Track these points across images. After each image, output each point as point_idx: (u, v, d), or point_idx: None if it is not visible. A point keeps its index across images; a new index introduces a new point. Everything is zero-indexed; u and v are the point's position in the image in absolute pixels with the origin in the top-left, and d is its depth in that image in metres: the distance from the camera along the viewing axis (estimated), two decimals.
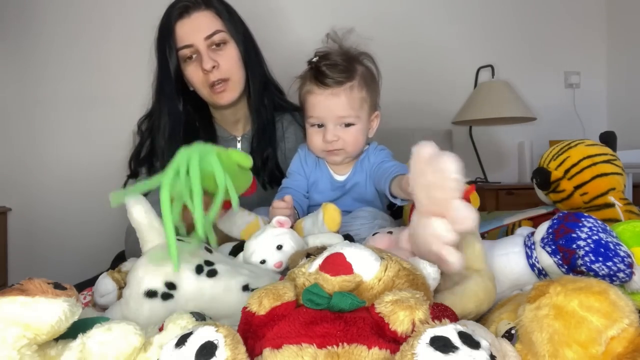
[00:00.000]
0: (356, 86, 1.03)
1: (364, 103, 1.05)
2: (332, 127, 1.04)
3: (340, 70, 1.02)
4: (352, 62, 1.05)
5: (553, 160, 1.16)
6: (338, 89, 1.02)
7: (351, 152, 1.08)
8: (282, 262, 0.78)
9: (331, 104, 1.02)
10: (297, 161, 1.16)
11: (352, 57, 1.06)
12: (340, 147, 1.05)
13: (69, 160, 2.27)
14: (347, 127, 1.04)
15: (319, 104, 1.04)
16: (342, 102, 1.02)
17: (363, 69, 1.07)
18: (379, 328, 0.46)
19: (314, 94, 1.04)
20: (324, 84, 1.02)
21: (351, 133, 1.05)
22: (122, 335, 0.48)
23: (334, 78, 1.02)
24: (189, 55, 1.23)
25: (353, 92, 1.03)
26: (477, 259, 0.71)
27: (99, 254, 1.73)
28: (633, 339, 0.48)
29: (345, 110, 1.03)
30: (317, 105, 1.04)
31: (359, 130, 1.06)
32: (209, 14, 1.24)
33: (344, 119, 1.03)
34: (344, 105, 1.02)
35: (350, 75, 1.03)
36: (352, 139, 1.05)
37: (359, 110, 1.04)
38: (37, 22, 2.25)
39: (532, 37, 2.78)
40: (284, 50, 2.27)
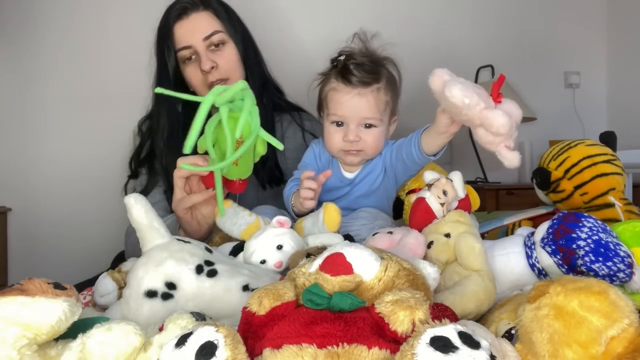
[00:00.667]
0: (382, 89, 1.03)
1: (387, 106, 1.05)
2: (354, 127, 1.02)
3: (368, 70, 1.01)
4: (378, 64, 1.05)
5: (553, 160, 1.17)
6: (365, 90, 1.01)
7: (370, 154, 1.07)
8: (282, 262, 0.78)
9: (357, 104, 1.01)
10: (310, 155, 1.14)
11: (377, 60, 1.05)
12: (361, 148, 1.04)
13: (69, 160, 2.27)
14: (368, 128, 1.03)
15: (345, 102, 1.02)
16: (369, 103, 1.01)
17: (387, 73, 1.07)
18: (379, 328, 0.46)
19: (339, 92, 1.03)
20: (351, 83, 1.01)
21: (372, 135, 1.04)
22: (122, 335, 0.48)
23: (362, 78, 1.00)
24: (187, 56, 1.23)
25: (379, 95, 1.02)
26: (477, 259, 0.71)
27: (99, 254, 1.73)
28: (633, 339, 0.48)
29: (371, 112, 1.02)
30: (342, 104, 1.02)
31: (380, 133, 1.05)
32: (207, 14, 1.24)
33: (367, 120, 1.02)
34: (370, 107, 1.01)
35: (378, 77, 1.02)
36: (373, 141, 1.04)
37: (383, 113, 1.04)
38: (35, 22, 2.25)
39: (532, 37, 2.77)
40: (284, 50, 2.27)
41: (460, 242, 0.73)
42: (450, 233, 0.78)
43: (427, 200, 0.85)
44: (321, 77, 1.09)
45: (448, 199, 0.86)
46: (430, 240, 0.79)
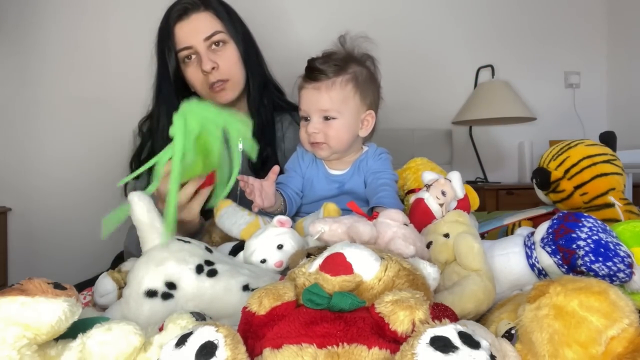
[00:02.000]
0: (339, 82, 1.06)
1: (348, 100, 1.07)
2: (315, 119, 1.07)
3: (329, 66, 1.05)
4: (348, 61, 1.07)
5: (553, 160, 1.16)
6: (319, 83, 1.05)
7: (335, 146, 1.09)
8: (282, 262, 0.78)
9: (313, 97, 1.06)
10: (294, 158, 1.17)
11: (351, 58, 1.08)
12: (322, 140, 1.07)
13: (69, 161, 2.27)
14: (328, 120, 1.06)
15: (304, 96, 1.08)
16: (322, 95, 1.05)
17: (358, 69, 1.08)
18: (379, 328, 0.46)
19: (302, 88, 1.09)
20: (309, 78, 1.07)
21: (333, 127, 1.06)
22: (122, 335, 0.48)
23: (318, 74, 1.05)
24: (188, 56, 1.23)
25: (334, 87, 1.05)
26: (476, 259, 0.71)
27: (99, 254, 1.73)
28: (633, 339, 0.48)
29: (325, 104, 1.05)
30: (302, 98, 1.08)
31: (342, 125, 1.07)
32: (208, 15, 1.24)
33: (325, 112, 1.06)
34: (324, 99, 1.05)
35: (337, 73, 1.05)
36: (334, 133, 1.06)
37: (341, 105, 1.06)
38: (36, 22, 2.25)
39: (532, 37, 2.78)
40: (284, 50, 2.27)
41: (459, 242, 0.73)
42: (449, 233, 0.78)
43: (425, 200, 0.85)
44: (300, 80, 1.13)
45: (447, 199, 0.86)
46: (430, 240, 0.79)
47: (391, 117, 2.60)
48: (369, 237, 0.70)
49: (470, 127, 2.69)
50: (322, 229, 0.72)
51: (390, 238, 0.70)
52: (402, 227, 0.74)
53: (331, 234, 0.72)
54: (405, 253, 0.68)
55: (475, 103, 2.50)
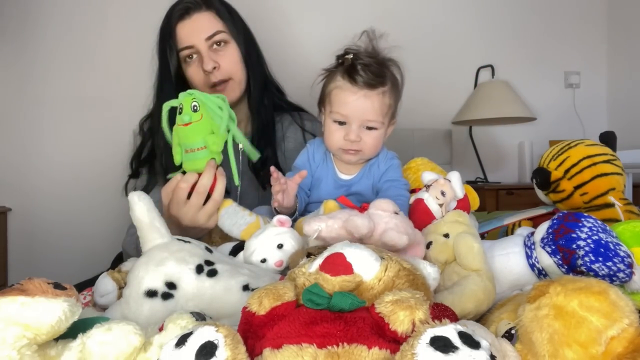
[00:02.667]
0: (387, 92, 1.03)
1: (389, 110, 1.05)
2: (355, 127, 1.02)
3: (374, 72, 1.01)
4: (383, 66, 1.04)
5: (553, 160, 1.16)
6: (371, 92, 1.00)
7: (368, 155, 1.08)
8: (282, 261, 0.78)
9: (362, 106, 1.01)
10: (304, 156, 1.14)
11: (383, 62, 1.05)
12: (360, 148, 1.05)
13: (69, 161, 2.27)
14: (369, 130, 1.04)
15: (350, 103, 1.01)
16: (373, 105, 1.01)
17: (392, 76, 1.06)
18: (379, 328, 0.46)
19: (345, 91, 1.02)
20: (357, 83, 1.00)
21: (373, 137, 1.04)
22: (122, 335, 0.48)
23: (368, 80, 1.00)
24: (189, 55, 1.23)
25: (384, 98, 1.02)
26: (476, 259, 0.71)
27: (99, 254, 1.73)
28: (633, 339, 0.48)
29: (374, 115, 1.01)
30: (347, 104, 1.02)
31: (380, 135, 1.05)
32: (210, 14, 1.24)
33: (370, 122, 1.02)
34: (374, 109, 1.01)
35: (383, 81, 1.02)
36: (373, 143, 1.05)
37: (385, 116, 1.04)
38: (36, 22, 2.25)
39: (532, 37, 2.78)
40: (285, 51, 2.28)
41: (459, 242, 0.74)
42: (449, 233, 0.78)
43: (425, 201, 0.86)
44: (325, 73, 1.08)
45: (446, 200, 0.86)
46: (429, 240, 0.79)
47: None
48: (367, 230, 0.70)
49: (470, 127, 2.68)
50: (318, 227, 0.72)
51: (383, 230, 0.70)
52: (393, 217, 0.74)
53: (328, 230, 0.72)
54: (398, 244, 0.68)
55: (475, 103, 2.50)
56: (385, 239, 0.69)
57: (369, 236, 0.71)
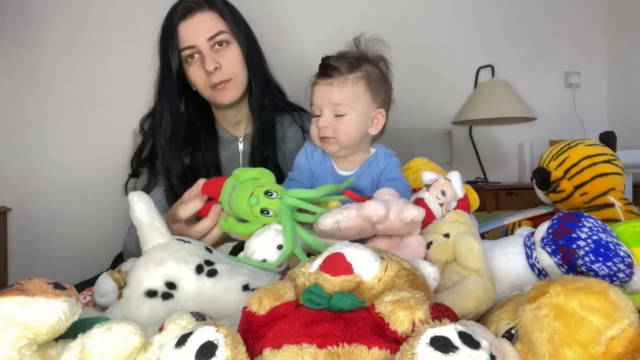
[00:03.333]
0: (350, 79, 1.07)
1: (359, 96, 1.08)
2: (326, 114, 1.08)
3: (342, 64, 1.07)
4: (361, 61, 1.09)
5: (553, 160, 1.17)
6: (332, 79, 1.07)
7: (344, 142, 1.09)
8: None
9: (325, 92, 1.07)
10: (303, 155, 1.17)
11: (364, 58, 1.10)
12: (332, 135, 1.08)
13: (69, 160, 2.27)
14: (340, 117, 1.08)
15: (316, 92, 1.09)
16: (334, 90, 1.07)
17: (370, 68, 1.10)
18: (379, 328, 0.46)
19: (315, 84, 1.10)
20: (323, 75, 1.08)
21: (343, 122, 1.07)
22: (122, 335, 0.48)
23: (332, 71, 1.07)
24: (190, 55, 1.23)
25: (346, 83, 1.07)
26: (476, 259, 0.71)
27: (99, 254, 1.73)
28: (633, 339, 0.48)
29: (337, 99, 1.06)
30: (315, 94, 1.10)
31: (352, 121, 1.08)
32: (212, 14, 1.24)
33: (336, 107, 1.07)
34: (335, 94, 1.07)
35: (349, 70, 1.07)
36: (344, 129, 1.07)
37: (352, 101, 1.07)
38: (36, 22, 2.25)
39: (532, 37, 2.78)
40: (285, 51, 2.27)
41: (459, 242, 0.74)
42: (450, 233, 0.78)
43: (426, 200, 0.86)
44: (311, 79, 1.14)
45: (447, 199, 0.86)
46: (430, 240, 0.79)
47: (391, 117, 2.59)
48: (384, 211, 0.71)
49: (470, 127, 2.68)
50: (336, 219, 0.72)
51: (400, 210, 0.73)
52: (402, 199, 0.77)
53: (345, 220, 0.72)
54: (418, 217, 0.73)
55: (475, 103, 2.50)
56: (405, 215, 0.72)
57: (385, 219, 0.72)
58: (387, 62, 1.15)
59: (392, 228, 0.74)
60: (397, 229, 0.75)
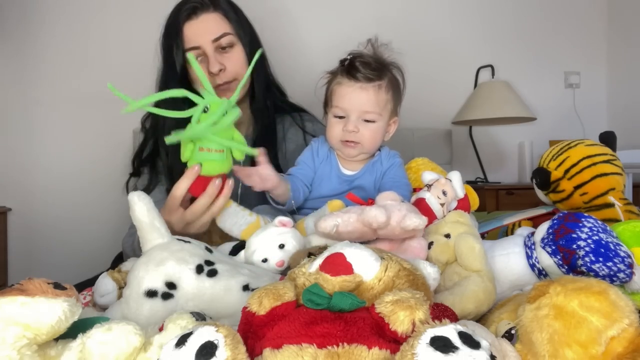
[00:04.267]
0: (384, 86, 1.07)
1: (387, 104, 1.09)
2: (354, 119, 1.07)
3: (372, 68, 1.06)
4: (383, 65, 1.09)
5: (553, 160, 1.17)
6: (367, 85, 1.05)
7: (367, 148, 1.10)
8: (284, 261, 0.78)
9: (358, 97, 1.06)
10: (308, 152, 1.17)
11: (383, 62, 1.10)
12: (358, 140, 1.08)
13: (69, 160, 2.27)
14: (367, 122, 1.07)
15: (347, 95, 1.06)
16: (369, 97, 1.05)
17: (391, 75, 1.11)
18: (379, 328, 0.46)
19: (344, 85, 1.07)
20: (354, 78, 1.06)
21: (371, 129, 1.08)
22: (122, 335, 0.48)
23: (365, 74, 1.05)
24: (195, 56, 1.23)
25: (380, 91, 1.07)
26: (477, 260, 0.71)
27: (99, 254, 1.73)
28: (633, 339, 0.48)
29: (371, 106, 1.06)
30: (344, 97, 1.07)
31: (378, 129, 1.09)
32: (217, 16, 1.23)
33: (367, 114, 1.06)
34: (370, 101, 1.06)
35: (380, 76, 1.07)
36: (370, 135, 1.08)
37: (382, 109, 1.08)
38: (37, 22, 2.25)
39: (532, 37, 2.78)
40: (287, 51, 2.27)
41: (460, 242, 0.74)
42: (450, 233, 0.78)
43: (427, 200, 0.86)
44: (329, 76, 1.12)
45: (447, 199, 0.86)
46: (430, 240, 0.79)
47: None
48: (385, 218, 0.71)
49: (470, 127, 2.68)
50: (335, 223, 0.72)
51: (402, 216, 0.72)
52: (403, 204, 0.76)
53: (345, 224, 0.72)
54: (420, 225, 0.71)
55: (475, 103, 2.50)
56: (407, 223, 0.71)
57: (386, 225, 0.72)
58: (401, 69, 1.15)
59: (393, 233, 0.74)
60: (398, 234, 0.74)
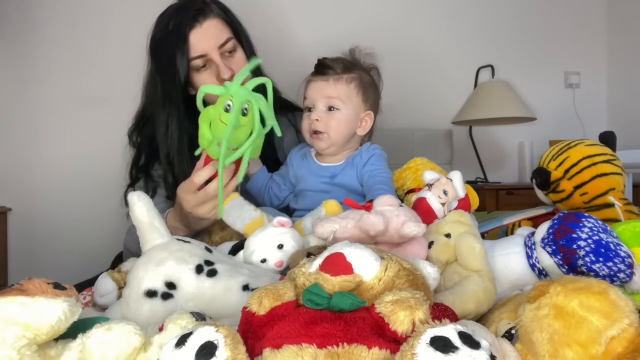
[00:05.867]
0: (344, 79, 1.14)
1: (351, 96, 1.14)
2: (319, 107, 1.14)
3: (337, 65, 1.14)
4: (355, 65, 1.16)
5: (553, 160, 1.16)
6: (328, 77, 1.14)
7: (334, 138, 1.14)
8: (282, 261, 0.78)
9: (321, 85, 1.14)
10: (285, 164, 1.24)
11: (358, 64, 1.17)
12: (323, 129, 1.13)
13: (69, 160, 2.27)
14: (332, 111, 1.13)
15: (311, 87, 1.16)
16: (329, 85, 1.14)
17: (363, 74, 1.17)
18: (379, 328, 0.46)
19: (310, 81, 1.17)
20: (320, 73, 1.15)
21: (335, 118, 1.13)
22: (122, 335, 0.48)
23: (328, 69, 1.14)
24: (202, 64, 1.21)
25: (340, 82, 1.14)
26: (477, 260, 0.71)
27: (99, 254, 1.73)
28: (633, 339, 0.48)
29: (332, 92, 1.13)
30: (309, 89, 1.16)
31: (343, 118, 1.13)
32: (219, 21, 1.22)
33: (329, 100, 1.13)
34: (331, 87, 1.13)
35: (344, 71, 1.14)
36: (336, 124, 1.13)
37: (346, 99, 1.14)
38: (36, 22, 2.25)
39: (532, 37, 2.78)
40: (281, 49, 2.28)
41: (461, 242, 0.73)
42: (451, 233, 0.78)
43: (427, 200, 0.86)
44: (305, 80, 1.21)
45: (448, 199, 0.86)
46: (431, 240, 0.79)
47: (391, 117, 2.60)
48: (383, 226, 0.71)
49: (470, 127, 2.68)
50: (333, 229, 0.72)
51: (401, 222, 0.72)
52: (401, 210, 0.76)
53: (342, 230, 0.72)
54: (419, 233, 0.71)
55: (475, 103, 2.50)
56: (406, 231, 0.71)
57: (384, 233, 0.72)
58: (379, 73, 1.22)
59: (391, 240, 0.74)
60: (396, 240, 0.74)
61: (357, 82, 1.15)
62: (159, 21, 1.25)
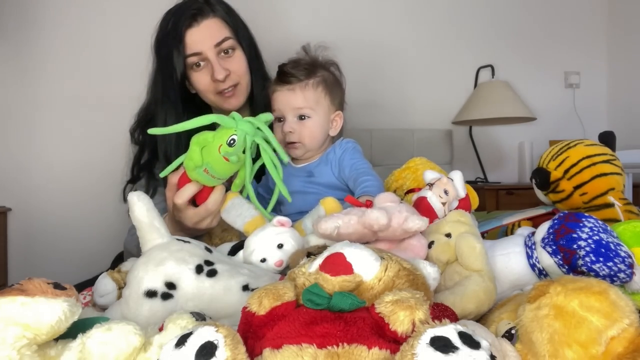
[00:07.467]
0: (311, 84, 1.15)
1: (320, 100, 1.16)
2: (290, 119, 1.14)
3: (299, 70, 1.15)
4: (316, 67, 1.17)
5: (552, 160, 1.16)
6: (294, 85, 1.14)
7: (309, 145, 1.16)
8: (282, 261, 0.78)
9: (288, 97, 1.14)
10: None
11: (317, 64, 1.18)
12: (297, 139, 1.14)
13: (69, 160, 2.27)
14: (303, 120, 1.14)
15: (278, 98, 1.16)
16: (296, 95, 1.14)
17: (325, 74, 1.18)
18: (379, 328, 0.46)
19: (276, 91, 1.16)
20: (283, 82, 1.15)
21: (307, 126, 1.14)
22: (122, 335, 0.48)
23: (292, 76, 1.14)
24: (196, 62, 1.21)
25: (307, 88, 1.15)
26: (478, 260, 0.71)
27: (99, 254, 1.73)
28: (633, 339, 0.48)
29: (300, 102, 1.14)
30: (276, 100, 1.16)
31: (315, 124, 1.15)
32: (217, 21, 1.23)
33: (299, 110, 1.14)
34: (299, 98, 1.14)
35: (308, 76, 1.15)
36: (308, 132, 1.14)
37: (315, 105, 1.15)
38: (36, 23, 2.25)
39: (532, 37, 2.78)
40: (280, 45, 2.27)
41: (461, 242, 0.73)
42: (451, 233, 0.78)
43: (428, 199, 0.85)
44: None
45: (449, 198, 0.86)
46: (431, 240, 0.79)
47: (391, 117, 2.61)
48: (386, 221, 0.71)
49: (470, 127, 2.69)
50: (336, 225, 0.72)
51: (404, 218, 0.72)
52: (404, 205, 0.76)
53: (346, 226, 0.72)
54: (422, 227, 0.72)
55: (475, 103, 2.50)
56: (409, 225, 0.71)
57: (387, 228, 0.72)
58: (338, 66, 1.23)
59: (394, 235, 0.74)
60: (399, 235, 0.74)
61: (323, 85, 1.16)
62: (162, 20, 1.26)
